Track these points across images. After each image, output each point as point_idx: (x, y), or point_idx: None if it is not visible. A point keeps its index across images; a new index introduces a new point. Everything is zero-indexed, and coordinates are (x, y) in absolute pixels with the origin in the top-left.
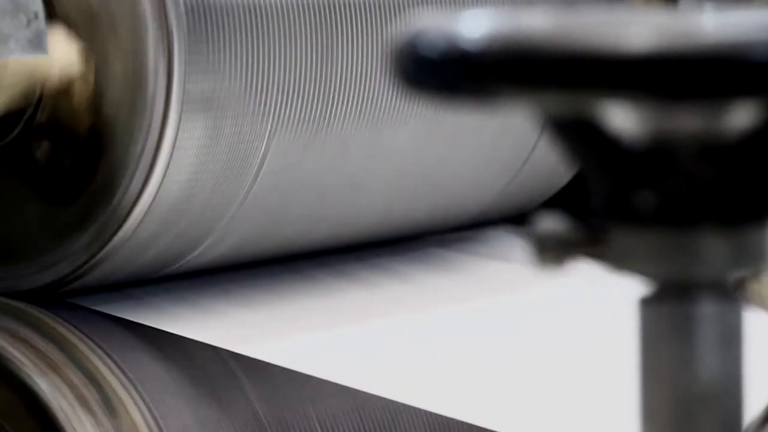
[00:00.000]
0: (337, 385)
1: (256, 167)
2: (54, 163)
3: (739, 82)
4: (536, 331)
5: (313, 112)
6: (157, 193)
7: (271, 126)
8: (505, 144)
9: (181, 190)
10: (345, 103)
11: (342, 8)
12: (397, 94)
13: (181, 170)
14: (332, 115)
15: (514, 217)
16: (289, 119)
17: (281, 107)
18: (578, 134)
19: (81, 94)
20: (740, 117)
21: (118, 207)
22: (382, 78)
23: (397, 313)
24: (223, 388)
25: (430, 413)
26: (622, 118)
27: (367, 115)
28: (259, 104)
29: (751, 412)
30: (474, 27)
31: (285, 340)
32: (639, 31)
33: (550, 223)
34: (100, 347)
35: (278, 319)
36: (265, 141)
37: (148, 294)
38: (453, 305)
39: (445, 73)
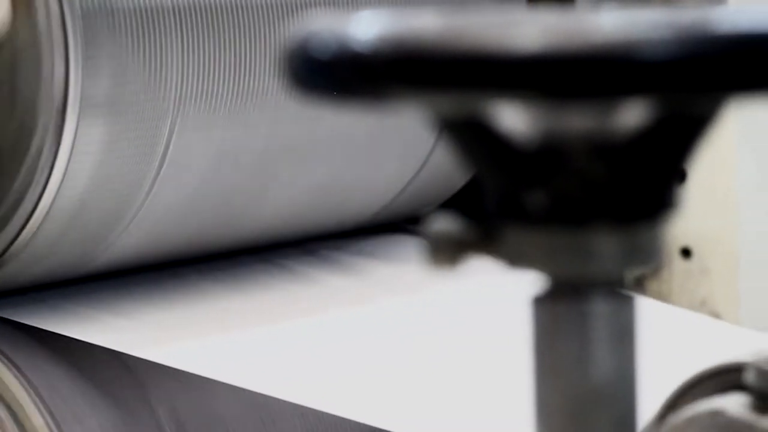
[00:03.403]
0: (238, 388)
1: (156, 167)
2: None
3: (629, 81)
4: (433, 331)
5: (212, 112)
6: (56, 196)
7: (171, 125)
8: (403, 146)
9: (80, 193)
10: (243, 103)
11: (239, 9)
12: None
13: (80, 174)
14: (231, 116)
15: (411, 219)
16: (188, 119)
17: (180, 107)
18: (470, 135)
19: None
20: (631, 116)
21: (17, 211)
22: (279, 78)
23: (298, 316)
24: (125, 392)
25: (331, 415)
26: (513, 118)
27: (265, 116)
28: (159, 104)
29: (645, 410)
30: (365, 28)
31: (187, 343)
32: (528, 31)
33: (444, 224)
34: (0, 352)
35: (180, 323)
36: (164, 142)
37: (48, 298)
38: (352, 307)
39: (336, 75)
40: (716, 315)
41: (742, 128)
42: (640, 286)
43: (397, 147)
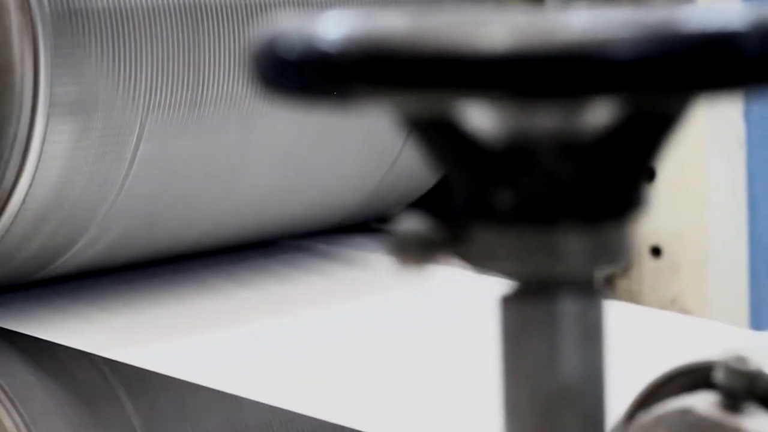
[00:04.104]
0: (209, 389)
1: (125, 170)
2: None
3: (596, 81)
4: (401, 332)
5: (181, 114)
6: (24, 199)
7: (140, 128)
8: (372, 146)
9: (49, 196)
10: (212, 105)
11: (208, 11)
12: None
13: (48, 177)
14: (200, 116)
15: (380, 219)
16: (157, 121)
17: (149, 109)
18: (437, 134)
19: None
20: (598, 115)
21: None
22: (248, 79)
23: (268, 316)
24: (96, 394)
25: (302, 416)
26: (481, 118)
27: (234, 117)
28: (128, 106)
29: (614, 410)
30: (332, 28)
31: (157, 344)
32: (495, 30)
33: (412, 224)
34: None
35: (150, 324)
36: (133, 144)
37: (17, 300)
38: (321, 308)
39: (304, 75)
40: (686, 313)
41: (712, 127)
42: (610, 285)
43: (366, 147)
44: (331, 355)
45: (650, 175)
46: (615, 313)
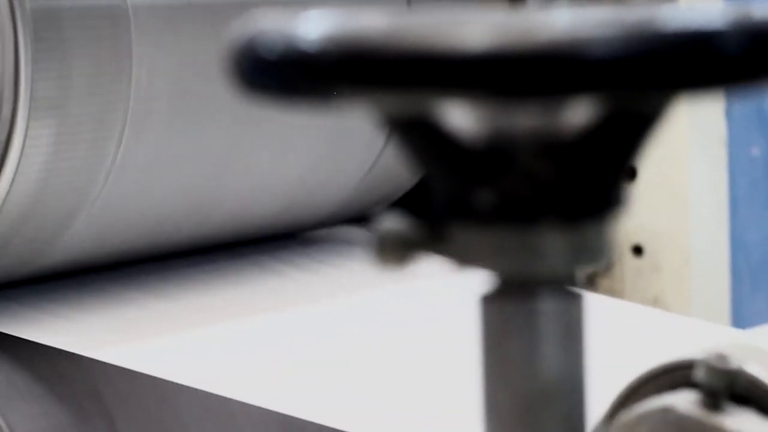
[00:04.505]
0: (191, 388)
1: (107, 168)
2: None
3: (576, 80)
4: (382, 330)
5: (163, 111)
6: (6, 197)
7: (121, 125)
8: (353, 145)
9: (31, 194)
10: (194, 103)
11: (190, 8)
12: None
13: (30, 175)
14: (182, 116)
15: (361, 218)
16: (139, 119)
17: (130, 106)
18: (418, 134)
19: None
20: (578, 114)
21: None
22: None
23: (251, 315)
24: (78, 393)
25: (283, 415)
26: (461, 117)
27: (216, 116)
28: (109, 104)
29: (594, 409)
30: (312, 27)
31: (139, 343)
32: (475, 30)
33: (392, 223)
34: None
35: (132, 323)
36: (115, 142)
37: None
38: (302, 306)
39: (283, 75)
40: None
41: (694, 125)
42: (591, 283)
43: (346, 147)
44: (311, 354)
45: (631, 173)
46: (595, 313)
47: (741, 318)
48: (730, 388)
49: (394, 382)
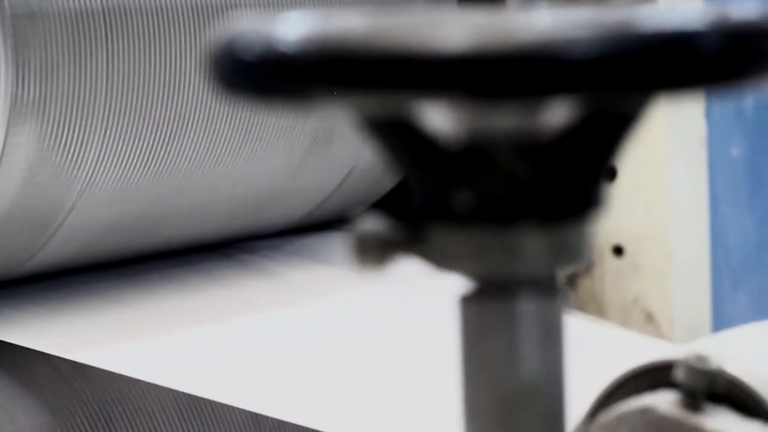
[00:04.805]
0: (169, 389)
1: (86, 172)
2: None
3: (554, 81)
4: (361, 332)
5: (142, 116)
6: None
7: (101, 130)
8: (332, 147)
9: (10, 198)
10: (172, 107)
11: (169, 12)
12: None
13: (9, 179)
14: (160, 120)
15: (341, 220)
16: (118, 122)
17: (110, 111)
18: (396, 135)
19: None
20: (556, 114)
21: None
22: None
23: (228, 317)
24: (56, 395)
25: (260, 415)
26: (439, 118)
27: (194, 119)
28: (88, 108)
29: (574, 409)
30: (291, 29)
31: (117, 346)
32: (453, 30)
33: (371, 224)
34: None
35: (110, 325)
36: (95, 147)
37: None
38: (280, 308)
39: (262, 76)
40: (649, 313)
41: (674, 126)
42: (572, 284)
43: (326, 148)
44: (288, 355)
45: (611, 174)
46: (574, 314)
47: (722, 318)
48: (709, 389)
49: (373, 384)
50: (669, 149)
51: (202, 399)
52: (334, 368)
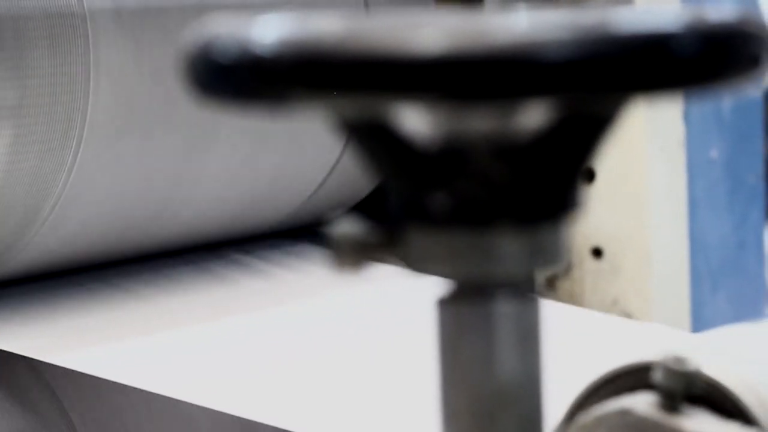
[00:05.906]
0: (149, 392)
1: (65, 173)
2: None
3: (531, 83)
4: (339, 334)
5: (121, 116)
6: None
7: (79, 130)
8: (311, 151)
9: None
10: (153, 107)
11: (147, 13)
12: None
13: None
14: (140, 121)
15: (317, 224)
16: (96, 124)
17: (88, 111)
18: (373, 137)
19: None
20: (532, 117)
21: None
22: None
23: (209, 319)
24: (36, 398)
25: (241, 418)
26: (416, 121)
27: (174, 120)
28: (67, 108)
29: (551, 411)
30: (267, 31)
31: (97, 348)
32: (428, 33)
33: (348, 227)
34: None
35: (90, 328)
36: (73, 147)
37: None
38: (260, 310)
39: (237, 79)
40: (628, 314)
41: (652, 127)
42: (551, 286)
43: (304, 152)
44: (268, 357)
45: (590, 176)
46: (551, 315)
47: (701, 319)
48: (687, 390)
49: (351, 385)
50: (647, 151)
51: (180, 401)
52: (311, 370)
